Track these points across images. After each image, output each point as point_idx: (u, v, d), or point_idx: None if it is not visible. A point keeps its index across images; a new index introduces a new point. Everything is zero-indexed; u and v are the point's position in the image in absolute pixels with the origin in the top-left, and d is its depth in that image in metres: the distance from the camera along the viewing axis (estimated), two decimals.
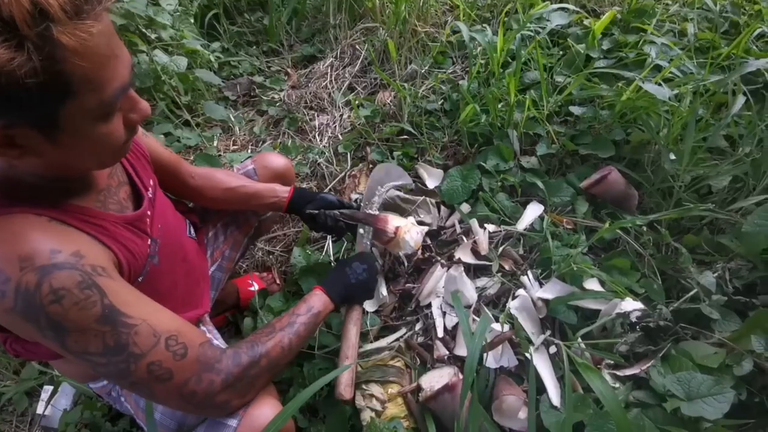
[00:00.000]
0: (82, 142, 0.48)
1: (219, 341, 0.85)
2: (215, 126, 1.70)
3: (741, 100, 1.04)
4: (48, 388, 1.09)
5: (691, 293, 0.92)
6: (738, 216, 1.01)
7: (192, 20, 1.81)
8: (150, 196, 0.69)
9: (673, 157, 1.09)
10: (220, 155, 1.53)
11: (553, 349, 0.93)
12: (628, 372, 0.85)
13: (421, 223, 1.21)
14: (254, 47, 2.04)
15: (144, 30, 1.53)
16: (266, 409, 0.62)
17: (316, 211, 0.93)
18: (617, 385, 0.84)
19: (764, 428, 0.78)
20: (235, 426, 0.60)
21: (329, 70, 1.83)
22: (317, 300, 0.74)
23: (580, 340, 0.89)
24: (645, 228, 1.06)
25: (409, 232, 0.96)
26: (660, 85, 1.11)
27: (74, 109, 0.45)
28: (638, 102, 1.18)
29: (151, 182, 0.72)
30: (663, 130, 1.15)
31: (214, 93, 1.81)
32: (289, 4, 2.02)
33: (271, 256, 1.30)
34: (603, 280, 0.96)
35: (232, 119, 1.69)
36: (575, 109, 1.30)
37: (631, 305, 0.89)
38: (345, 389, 0.80)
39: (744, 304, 0.91)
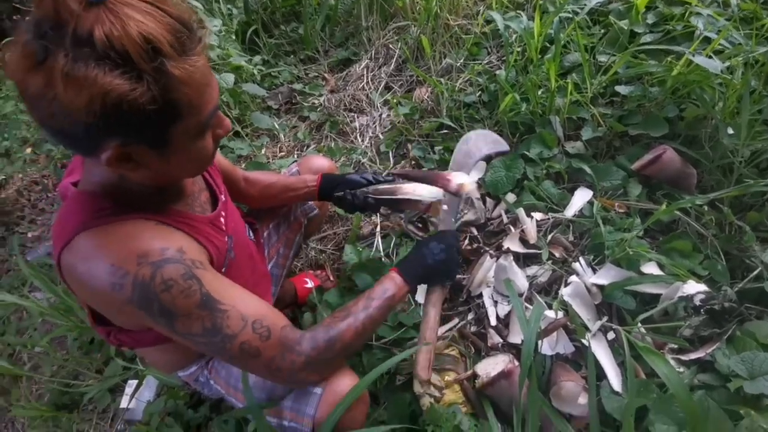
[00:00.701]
0: (184, 155, 0.58)
1: None
2: (262, 135, 1.80)
3: None
4: (132, 383, 1.18)
5: (756, 272, 0.89)
6: None
7: (234, 37, 1.92)
8: (223, 198, 0.79)
9: (730, 131, 1.04)
10: (268, 162, 1.62)
11: (611, 336, 0.92)
12: (693, 356, 0.83)
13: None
14: (292, 56, 2.13)
15: None
16: (345, 379, 0.72)
17: (342, 194, 0.97)
18: (681, 369, 0.83)
19: None
20: (320, 393, 0.71)
21: (365, 72, 1.87)
22: (391, 282, 0.76)
23: (640, 324, 0.88)
24: (706, 207, 1.02)
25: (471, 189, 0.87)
26: (711, 57, 1.06)
27: (180, 129, 0.53)
28: (690, 76, 1.13)
29: (223, 187, 0.82)
30: (718, 104, 1.09)
31: (258, 104, 1.91)
32: (321, 11, 2.09)
33: (323, 255, 1.37)
34: (662, 263, 0.94)
35: (277, 127, 1.78)
36: (622, 89, 1.26)
37: (694, 288, 0.87)
38: (422, 370, 0.81)
39: None
